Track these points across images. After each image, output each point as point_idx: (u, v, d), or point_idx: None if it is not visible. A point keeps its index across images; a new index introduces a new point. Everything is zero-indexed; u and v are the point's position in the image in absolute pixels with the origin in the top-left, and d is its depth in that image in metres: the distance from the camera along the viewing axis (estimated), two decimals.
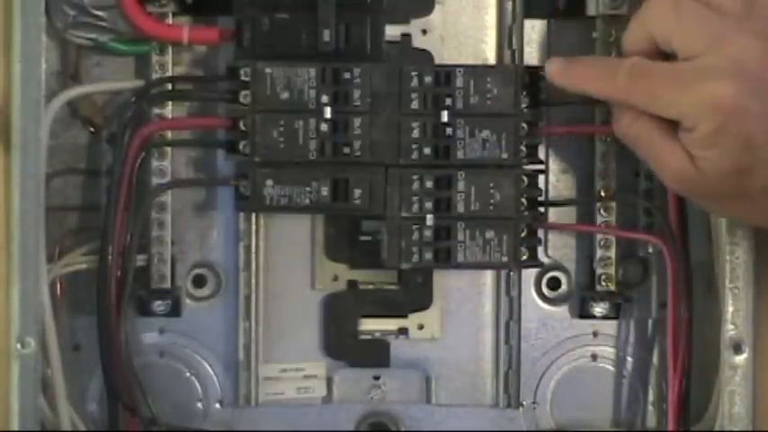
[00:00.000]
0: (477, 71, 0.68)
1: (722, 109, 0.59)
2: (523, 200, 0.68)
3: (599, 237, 0.72)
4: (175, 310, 0.73)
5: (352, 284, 0.73)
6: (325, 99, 0.67)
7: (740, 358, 0.68)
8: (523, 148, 0.68)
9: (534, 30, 0.73)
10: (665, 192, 0.69)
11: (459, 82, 0.68)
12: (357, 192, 0.68)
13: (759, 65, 0.59)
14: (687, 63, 0.60)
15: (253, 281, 0.73)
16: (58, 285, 0.71)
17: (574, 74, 0.65)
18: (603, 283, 0.72)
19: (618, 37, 0.69)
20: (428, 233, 0.68)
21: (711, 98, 0.59)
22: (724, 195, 0.61)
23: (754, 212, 0.63)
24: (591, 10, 0.71)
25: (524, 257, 0.69)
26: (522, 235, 0.68)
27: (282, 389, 0.74)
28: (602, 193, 0.72)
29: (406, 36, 0.73)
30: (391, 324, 0.74)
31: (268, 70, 0.67)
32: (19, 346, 0.67)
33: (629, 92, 0.62)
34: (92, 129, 0.73)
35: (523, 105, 0.68)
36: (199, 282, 0.74)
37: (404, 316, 0.74)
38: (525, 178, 0.68)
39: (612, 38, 0.70)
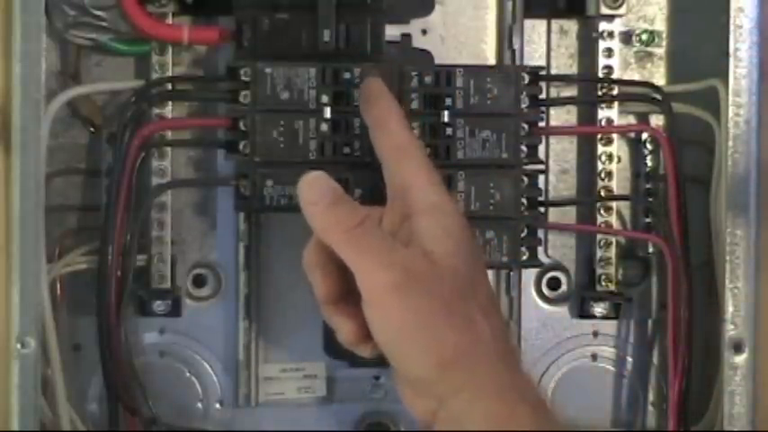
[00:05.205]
0: (477, 71, 0.68)
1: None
2: (523, 200, 0.68)
3: (599, 237, 0.72)
4: (175, 310, 0.73)
5: None
6: (325, 99, 0.67)
7: (740, 358, 0.68)
8: (523, 148, 0.68)
9: (534, 30, 0.74)
10: (666, 192, 0.70)
11: (459, 82, 0.68)
12: (357, 192, 0.68)
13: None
14: None
15: (253, 281, 0.73)
16: (58, 285, 0.71)
17: None
18: (603, 283, 0.73)
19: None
20: None
21: None
22: None
23: None
24: (591, 10, 0.71)
25: (524, 257, 0.69)
26: (522, 235, 0.68)
27: (282, 389, 0.74)
28: (602, 193, 0.72)
29: (406, 36, 0.73)
30: None
31: (268, 70, 0.67)
32: (19, 346, 0.67)
33: None
34: (92, 129, 0.73)
35: (523, 105, 0.68)
36: (199, 282, 0.74)
37: None
38: (525, 178, 0.68)
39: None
